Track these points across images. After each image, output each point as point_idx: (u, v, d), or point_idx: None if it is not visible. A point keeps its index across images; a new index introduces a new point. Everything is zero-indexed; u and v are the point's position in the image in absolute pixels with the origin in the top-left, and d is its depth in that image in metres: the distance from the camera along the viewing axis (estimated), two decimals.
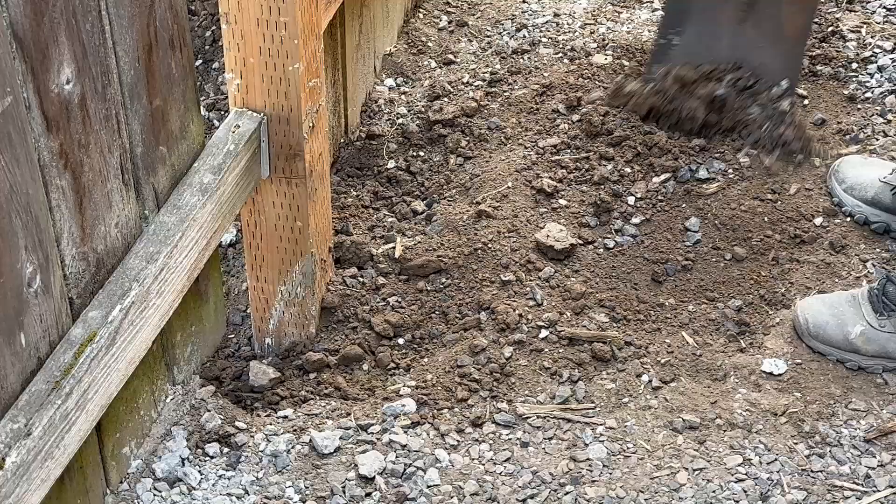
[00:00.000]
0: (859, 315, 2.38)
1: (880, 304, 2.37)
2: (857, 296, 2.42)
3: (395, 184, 2.87)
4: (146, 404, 2.19)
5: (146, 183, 2.01)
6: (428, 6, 3.44)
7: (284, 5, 2.13)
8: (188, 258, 2.05)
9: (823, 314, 2.40)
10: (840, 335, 2.37)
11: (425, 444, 2.25)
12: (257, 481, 2.18)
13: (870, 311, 2.38)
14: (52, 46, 1.67)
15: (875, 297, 2.38)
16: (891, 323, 2.35)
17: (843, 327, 2.37)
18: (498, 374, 2.38)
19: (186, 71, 2.07)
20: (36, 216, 1.70)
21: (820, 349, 2.39)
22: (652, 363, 2.41)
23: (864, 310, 2.39)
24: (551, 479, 2.19)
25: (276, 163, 2.29)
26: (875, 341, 2.35)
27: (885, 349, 2.35)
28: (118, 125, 1.88)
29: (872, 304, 2.38)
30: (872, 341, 2.35)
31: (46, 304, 1.77)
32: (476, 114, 3.01)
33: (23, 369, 1.74)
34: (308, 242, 2.39)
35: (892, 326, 2.35)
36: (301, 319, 2.48)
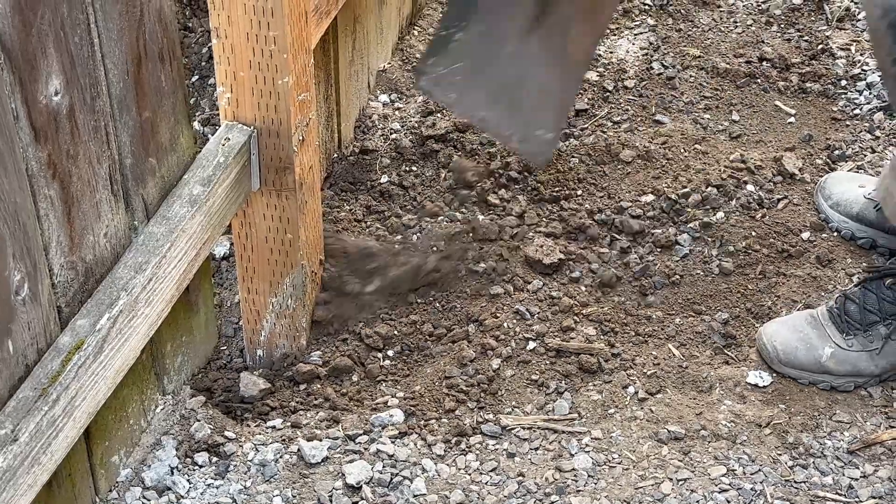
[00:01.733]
0: (825, 337, 2.38)
1: (844, 323, 2.37)
2: (816, 316, 2.42)
3: (387, 198, 2.90)
4: (136, 413, 2.21)
5: (135, 194, 2.03)
6: (423, 23, 3.47)
7: (274, 20, 2.16)
8: (177, 269, 2.08)
9: (791, 339, 2.39)
10: (811, 359, 2.37)
11: (412, 453, 2.27)
12: (245, 490, 2.20)
13: (835, 332, 2.38)
14: (40, 58, 1.70)
15: (837, 316, 2.39)
16: (857, 341, 2.37)
17: (814, 351, 2.37)
18: (485, 386, 2.41)
19: (176, 84, 2.10)
20: (24, 225, 1.73)
21: (791, 374, 2.39)
22: (638, 375, 2.43)
23: (829, 331, 2.39)
24: (537, 489, 2.21)
25: (266, 175, 2.32)
26: (846, 361, 2.36)
27: (857, 367, 2.36)
28: (107, 136, 1.91)
29: (836, 324, 2.38)
30: (844, 362, 2.36)
31: (34, 312, 1.80)
32: (468, 129, 3.03)
33: (10, 376, 1.77)
34: (298, 255, 2.42)
35: (860, 344, 2.36)
36: (292, 331, 2.51)
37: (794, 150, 2.95)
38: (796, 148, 2.97)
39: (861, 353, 2.36)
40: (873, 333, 2.36)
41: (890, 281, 2.36)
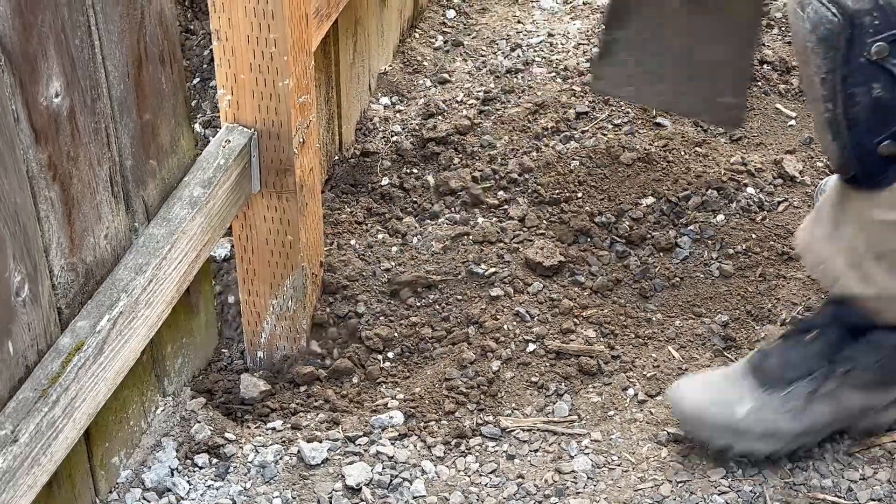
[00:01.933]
0: (741, 393, 2.17)
1: (762, 378, 2.17)
2: (735, 371, 2.21)
3: (388, 200, 2.90)
4: (136, 415, 2.22)
5: (136, 196, 2.04)
6: (424, 26, 3.48)
7: (274, 22, 2.17)
8: (177, 270, 2.08)
9: (701, 398, 2.18)
10: (724, 418, 2.15)
11: (412, 455, 2.28)
12: (245, 491, 2.20)
13: (753, 387, 2.17)
14: (40, 60, 1.71)
15: (755, 371, 2.18)
16: (775, 397, 2.15)
17: (727, 409, 2.15)
18: (485, 388, 2.41)
19: (177, 86, 2.11)
20: (24, 226, 1.74)
21: (703, 436, 2.19)
22: (638, 377, 2.43)
23: (745, 386, 2.17)
24: (536, 491, 2.21)
25: (266, 177, 2.33)
26: (762, 420, 2.15)
27: (773, 427, 2.15)
28: (108, 138, 1.92)
29: (754, 379, 2.18)
30: (759, 420, 2.15)
31: (35, 314, 1.80)
32: (469, 132, 3.04)
33: (10, 377, 1.77)
34: (299, 256, 2.42)
35: (778, 403, 2.15)
36: (292, 333, 2.51)
37: (794, 153, 2.95)
38: (797, 151, 2.97)
39: (778, 411, 2.15)
40: (794, 390, 2.15)
41: (812, 335, 2.16)
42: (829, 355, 2.14)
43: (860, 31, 1.86)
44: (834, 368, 2.14)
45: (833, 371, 2.14)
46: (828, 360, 2.14)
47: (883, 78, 1.88)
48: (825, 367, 2.14)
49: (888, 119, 1.91)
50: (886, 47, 1.85)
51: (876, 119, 1.91)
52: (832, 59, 1.89)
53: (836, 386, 2.15)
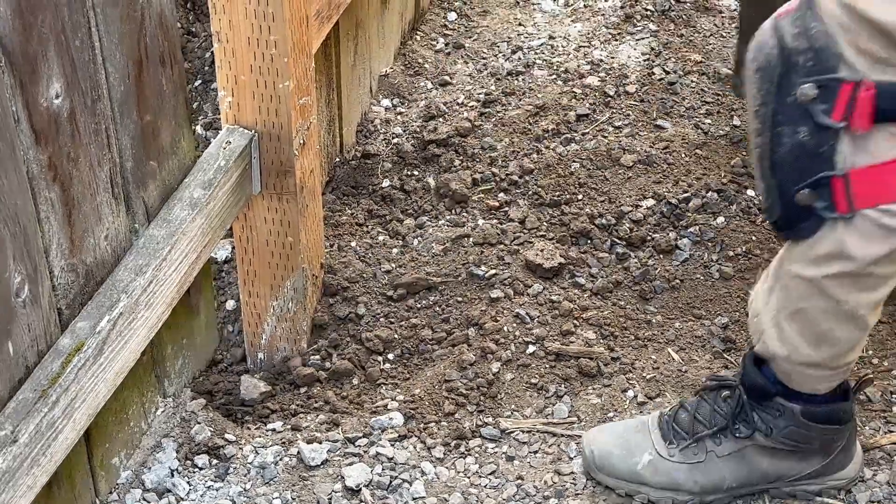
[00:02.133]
0: (648, 443, 2.17)
1: (670, 431, 2.16)
2: (646, 423, 2.21)
3: (389, 202, 2.91)
4: (136, 416, 2.22)
5: (136, 197, 2.04)
6: (425, 28, 3.48)
7: (275, 24, 2.17)
8: (178, 271, 2.09)
9: (609, 444, 2.19)
10: (626, 466, 2.16)
11: (412, 456, 2.28)
12: (245, 492, 2.21)
13: (659, 440, 2.17)
14: (41, 61, 1.71)
15: (665, 424, 2.18)
16: (680, 452, 2.15)
17: (630, 457, 2.16)
18: (485, 389, 2.41)
19: (177, 87, 2.11)
20: (24, 227, 1.74)
21: (607, 483, 2.18)
22: (638, 379, 2.43)
23: (653, 437, 2.17)
24: (536, 492, 2.22)
25: (267, 179, 2.33)
26: (663, 472, 2.14)
27: (674, 480, 2.14)
28: (108, 140, 1.92)
29: (662, 431, 2.17)
30: (660, 472, 2.15)
31: (35, 314, 1.81)
32: (470, 134, 3.04)
33: (10, 377, 1.78)
34: (299, 258, 2.42)
35: (682, 456, 2.14)
36: (292, 334, 2.52)
37: None
38: None
39: (681, 465, 2.14)
40: (699, 446, 2.14)
41: (726, 394, 2.14)
42: (735, 415, 2.13)
43: (793, 70, 1.81)
44: (737, 428, 2.13)
45: (736, 431, 2.13)
46: (732, 419, 2.13)
47: (808, 123, 1.80)
48: (728, 425, 2.14)
49: (809, 166, 1.83)
50: (813, 91, 1.78)
51: (798, 164, 1.83)
52: (766, 91, 1.84)
53: (739, 447, 2.14)
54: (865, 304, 1.92)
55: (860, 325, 1.96)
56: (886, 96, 1.75)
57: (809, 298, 1.94)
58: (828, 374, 2.04)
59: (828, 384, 2.06)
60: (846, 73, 1.76)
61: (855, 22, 1.73)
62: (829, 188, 1.83)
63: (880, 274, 1.88)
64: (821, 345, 1.99)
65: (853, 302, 1.92)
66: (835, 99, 1.78)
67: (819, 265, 1.90)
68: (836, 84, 1.77)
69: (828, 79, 1.78)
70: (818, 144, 1.81)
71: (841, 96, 1.77)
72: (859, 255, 1.86)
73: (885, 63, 1.74)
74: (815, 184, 1.83)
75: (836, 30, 1.76)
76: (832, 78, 1.77)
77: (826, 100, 1.79)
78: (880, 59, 1.73)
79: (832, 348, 1.99)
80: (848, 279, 1.89)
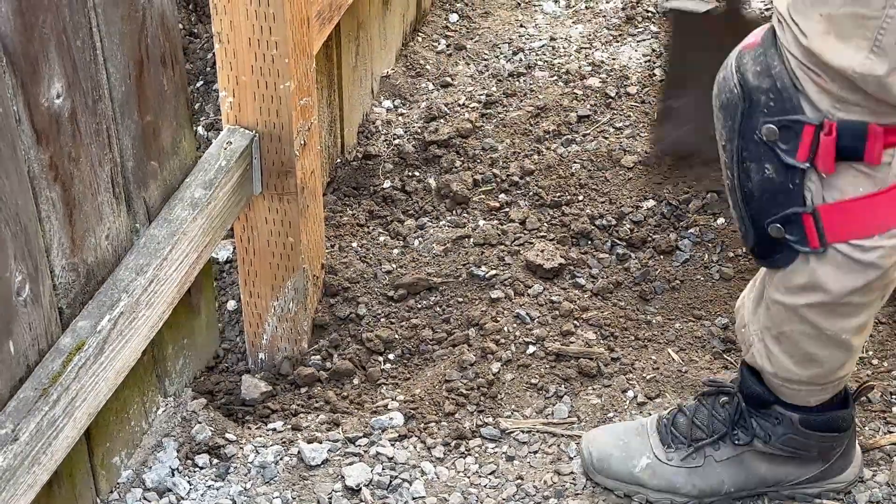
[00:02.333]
0: (646, 447, 2.18)
1: (669, 435, 2.17)
2: (645, 425, 2.22)
3: (390, 203, 2.91)
4: (137, 415, 2.23)
5: (137, 197, 2.05)
6: (427, 30, 3.49)
7: (276, 25, 2.18)
8: (178, 271, 2.09)
9: (607, 446, 2.20)
10: (625, 468, 2.17)
11: (412, 456, 2.29)
12: (245, 492, 2.21)
13: (657, 443, 2.18)
14: (42, 61, 1.72)
15: (664, 427, 2.19)
16: (678, 456, 2.16)
17: (629, 460, 2.17)
18: (485, 389, 2.42)
19: (178, 88, 2.12)
20: (25, 226, 1.75)
21: (606, 484, 2.20)
22: (638, 379, 2.44)
23: (651, 441, 2.18)
24: (535, 492, 2.22)
25: (267, 179, 2.34)
26: (661, 475, 2.16)
27: (672, 483, 2.15)
28: (109, 140, 1.93)
29: (661, 435, 2.18)
30: (658, 475, 2.16)
31: (36, 313, 1.81)
32: (471, 135, 3.05)
33: (11, 376, 1.78)
34: (300, 258, 2.43)
35: (679, 459, 2.16)
36: (293, 335, 2.52)
37: None
38: None
39: (679, 469, 2.15)
40: (694, 450, 2.15)
41: (724, 399, 2.15)
42: (733, 421, 2.14)
43: (756, 109, 1.79)
44: (736, 435, 2.14)
45: (735, 437, 2.14)
46: (731, 426, 2.14)
47: (773, 161, 1.80)
48: (727, 432, 2.14)
49: (779, 201, 1.83)
50: (775, 130, 1.77)
51: (768, 199, 1.83)
52: (730, 128, 1.83)
53: (737, 453, 2.14)
54: (848, 329, 1.93)
55: (845, 348, 1.96)
56: (848, 135, 1.75)
57: (791, 323, 1.95)
58: (817, 389, 2.05)
59: (818, 398, 2.07)
60: (809, 114, 1.76)
61: (813, 63, 1.73)
62: (799, 223, 1.83)
63: (858, 302, 1.89)
64: (807, 365, 1.99)
65: (835, 328, 1.92)
66: (798, 140, 1.78)
67: (796, 294, 1.90)
68: (798, 125, 1.77)
69: (790, 120, 1.77)
70: (785, 181, 1.81)
71: (804, 138, 1.77)
72: (834, 289, 1.86)
73: (847, 102, 1.73)
74: (785, 219, 1.84)
75: (797, 69, 1.75)
76: (794, 119, 1.77)
77: (789, 140, 1.78)
78: (841, 98, 1.73)
79: (819, 368, 2.00)
80: (826, 308, 1.89)
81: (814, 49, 1.71)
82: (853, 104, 1.73)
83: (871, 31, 1.66)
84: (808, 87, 1.76)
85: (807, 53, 1.73)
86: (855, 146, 1.75)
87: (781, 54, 1.78)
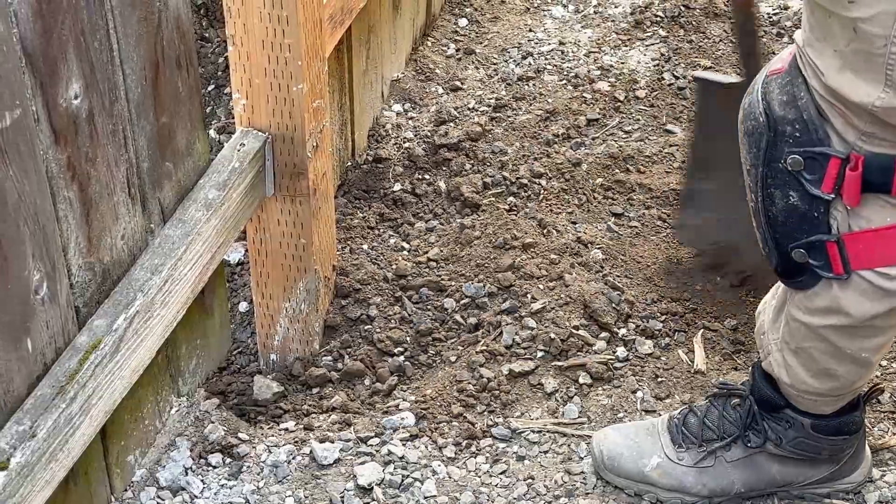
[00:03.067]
0: (657, 446, 2.19)
1: (680, 435, 2.18)
2: (656, 425, 2.23)
3: (400, 206, 2.93)
4: (151, 414, 2.25)
5: (152, 197, 2.07)
6: (436, 34, 3.51)
7: (289, 28, 2.20)
8: (192, 271, 2.11)
9: (618, 445, 2.21)
10: (635, 467, 2.18)
11: (423, 456, 2.30)
12: (258, 491, 2.23)
13: (668, 443, 2.19)
14: (60, 62, 1.74)
15: (675, 428, 2.20)
16: (689, 456, 2.17)
17: (639, 459, 2.19)
18: (496, 390, 2.43)
19: (193, 90, 2.14)
20: (43, 226, 1.77)
21: (616, 483, 2.21)
22: (647, 380, 2.45)
23: (662, 441, 2.20)
24: (546, 492, 2.24)
25: (280, 181, 2.36)
26: (672, 475, 2.17)
27: (682, 483, 2.17)
28: (125, 140, 1.95)
29: (671, 435, 2.19)
30: (669, 475, 2.17)
31: (53, 312, 1.83)
32: (480, 138, 3.07)
33: (29, 374, 1.80)
34: (312, 260, 2.45)
35: (690, 459, 2.17)
36: (305, 336, 2.54)
37: None
38: None
39: (689, 469, 2.16)
40: (705, 451, 2.17)
41: (736, 401, 2.17)
42: (745, 423, 2.15)
43: (780, 139, 1.79)
44: (747, 437, 2.15)
45: (746, 440, 2.15)
46: (743, 428, 2.15)
47: (798, 189, 1.80)
48: (739, 433, 2.15)
49: (803, 228, 1.83)
50: (801, 161, 1.78)
51: (792, 224, 1.83)
52: (755, 155, 1.84)
53: (748, 454, 2.16)
54: (868, 348, 1.94)
55: (863, 364, 1.97)
56: (875, 169, 1.74)
57: (811, 340, 1.95)
58: (832, 399, 2.06)
59: (833, 407, 2.08)
60: (836, 145, 1.76)
61: (836, 99, 1.73)
62: (823, 250, 1.83)
63: (880, 325, 1.89)
64: (824, 380, 2.00)
65: (855, 348, 1.93)
66: (823, 172, 1.78)
67: (817, 316, 1.91)
68: (824, 158, 1.77)
69: (815, 152, 1.77)
70: (810, 209, 1.82)
71: (829, 170, 1.77)
72: (857, 314, 1.87)
73: (873, 136, 1.73)
74: (809, 245, 1.84)
75: (822, 102, 1.75)
76: (820, 152, 1.77)
77: (814, 171, 1.78)
78: (866, 132, 1.73)
79: (836, 382, 2.01)
80: (847, 330, 1.90)
81: (832, 86, 1.71)
82: (880, 138, 1.72)
83: (881, 67, 1.65)
84: (835, 120, 1.75)
85: (827, 90, 1.73)
86: (884, 181, 1.75)
87: (807, 86, 1.77)
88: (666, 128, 3.10)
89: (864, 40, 1.64)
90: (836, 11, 1.65)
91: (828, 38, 1.69)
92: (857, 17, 1.63)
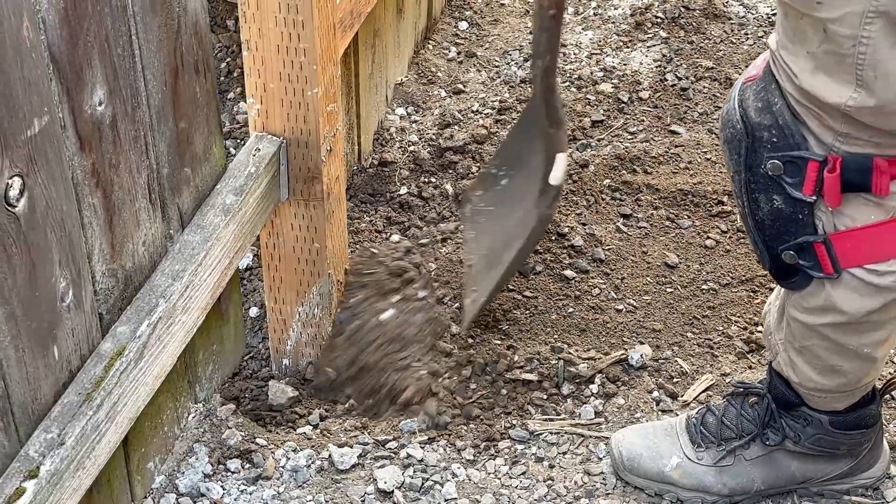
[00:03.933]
0: (676, 446, 2.21)
1: (698, 435, 2.20)
2: (674, 425, 2.24)
3: (407, 209, 2.93)
4: (170, 421, 2.24)
5: (172, 203, 2.07)
6: (437, 38, 3.51)
7: (304, 32, 2.19)
8: (212, 276, 2.11)
9: (637, 445, 2.22)
10: (655, 468, 2.20)
11: (442, 458, 2.30)
12: (278, 496, 2.23)
13: (687, 443, 2.20)
14: (86, 68, 1.73)
15: (693, 427, 2.21)
16: (708, 455, 2.19)
17: (659, 459, 2.20)
18: (513, 392, 2.43)
19: (210, 95, 2.13)
20: (69, 232, 1.76)
21: (636, 483, 2.22)
22: (664, 380, 2.46)
23: (681, 441, 2.21)
24: (566, 493, 2.24)
25: (294, 185, 2.35)
26: (692, 475, 2.19)
27: (703, 483, 2.18)
28: (146, 146, 1.94)
29: (690, 435, 2.21)
30: (689, 475, 2.19)
31: (78, 319, 1.83)
32: (486, 141, 3.07)
33: (56, 381, 1.80)
34: (325, 264, 2.45)
35: (710, 459, 2.19)
36: (318, 340, 2.54)
37: None
38: None
39: (709, 468, 2.18)
40: (724, 450, 2.18)
41: (753, 400, 2.18)
42: (763, 422, 2.16)
43: (759, 145, 1.82)
44: (766, 435, 2.16)
45: (765, 438, 2.17)
46: (761, 426, 2.17)
47: (781, 193, 1.82)
48: (757, 432, 2.17)
49: (789, 230, 1.85)
50: (780, 165, 1.80)
51: (778, 228, 1.86)
52: (736, 161, 1.86)
53: (767, 451, 2.17)
54: (869, 343, 1.95)
55: (867, 359, 1.98)
56: (853, 169, 1.77)
57: (812, 339, 1.97)
58: (843, 395, 2.07)
59: (844, 404, 2.10)
60: (814, 147, 1.78)
61: (810, 101, 1.75)
62: (812, 251, 1.86)
63: (877, 321, 1.91)
64: (831, 376, 2.02)
65: (855, 343, 1.95)
66: (803, 175, 1.80)
67: (814, 315, 1.93)
68: (802, 161, 1.79)
69: (793, 156, 1.79)
70: (795, 212, 1.84)
71: (808, 174, 1.79)
72: (851, 310, 1.89)
73: (849, 136, 1.75)
74: (798, 247, 1.86)
75: (797, 105, 1.77)
76: (797, 156, 1.79)
77: (794, 175, 1.81)
78: (842, 133, 1.75)
79: (843, 378, 2.02)
80: (844, 326, 1.92)
81: (806, 88, 1.73)
82: (855, 138, 1.74)
83: (851, 67, 1.67)
84: (811, 122, 1.77)
85: (801, 92, 1.75)
86: (862, 180, 1.77)
87: (781, 91, 1.79)
88: (670, 128, 3.11)
89: (834, 41, 1.66)
90: (807, 13, 1.67)
91: (801, 41, 1.71)
92: (825, 18, 1.65)
